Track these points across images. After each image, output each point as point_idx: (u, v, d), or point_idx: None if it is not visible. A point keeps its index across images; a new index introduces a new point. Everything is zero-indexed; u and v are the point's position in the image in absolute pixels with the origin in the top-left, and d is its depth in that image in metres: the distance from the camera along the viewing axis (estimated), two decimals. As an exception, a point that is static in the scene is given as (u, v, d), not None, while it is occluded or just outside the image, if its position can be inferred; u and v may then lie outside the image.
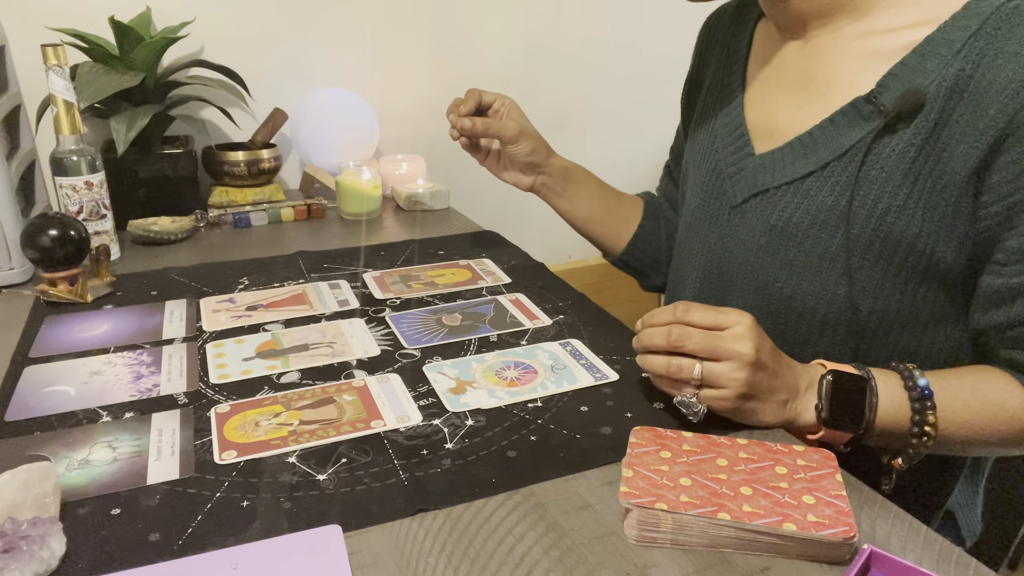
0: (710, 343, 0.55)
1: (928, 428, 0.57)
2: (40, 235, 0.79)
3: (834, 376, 0.57)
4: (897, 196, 0.59)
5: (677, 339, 0.56)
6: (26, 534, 0.45)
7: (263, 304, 0.82)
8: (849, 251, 0.61)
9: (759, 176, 0.68)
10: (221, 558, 0.45)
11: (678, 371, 0.56)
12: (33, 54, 0.91)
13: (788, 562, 0.46)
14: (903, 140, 0.59)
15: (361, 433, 0.58)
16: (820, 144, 0.64)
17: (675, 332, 0.56)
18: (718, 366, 0.55)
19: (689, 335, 0.56)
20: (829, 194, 0.62)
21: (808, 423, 0.58)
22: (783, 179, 0.66)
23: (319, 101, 1.26)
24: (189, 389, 0.65)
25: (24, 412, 0.61)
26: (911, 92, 0.58)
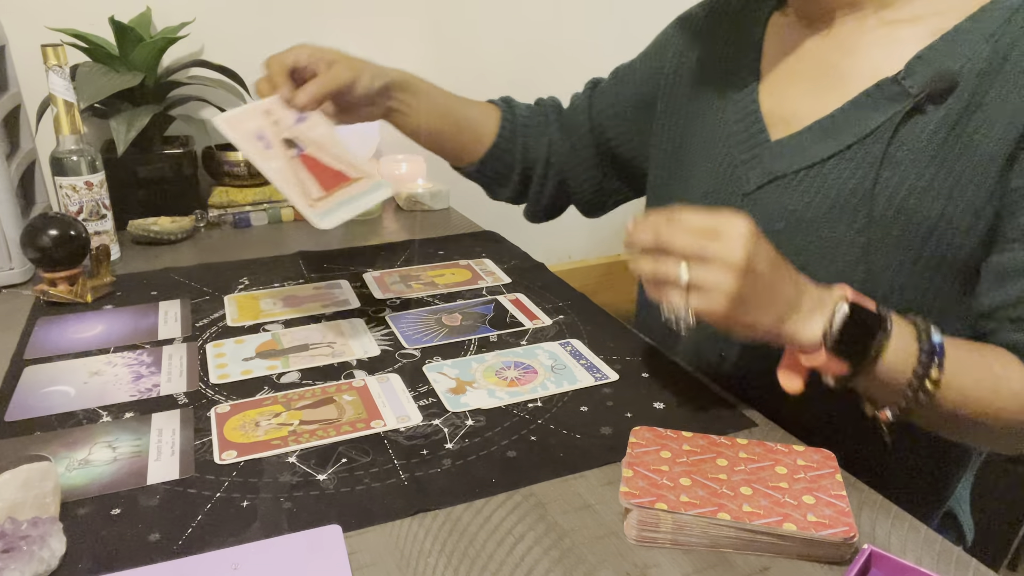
0: (698, 243, 0.51)
1: (929, 384, 0.53)
2: (40, 235, 0.79)
3: (852, 308, 0.52)
4: (923, 178, 0.58)
5: (664, 237, 0.52)
6: (26, 534, 0.45)
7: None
8: (869, 235, 0.60)
9: (775, 162, 0.66)
10: (221, 558, 0.45)
11: (664, 274, 0.52)
12: (33, 54, 0.91)
13: (788, 562, 0.46)
14: (932, 121, 0.58)
15: (361, 433, 0.58)
16: (842, 127, 0.62)
17: (663, 229, 0.52)
18: (705, 270, 0.51)
19: (677, 234, 0.52)
20: (851, 176, 0.61)
21: (807, 342, 0.53)
22: (802, 163, 0.64)
23: (319, 101, 1.26)
24: (189, 389, 0.65)
25: (24, 412, 0.61)
26: (943, 72, 0.57)
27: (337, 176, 0.71)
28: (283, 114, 0.71)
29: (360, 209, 0.70)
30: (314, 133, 0.72)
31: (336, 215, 0.68)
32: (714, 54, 0.77)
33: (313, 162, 0.70)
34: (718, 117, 0.74)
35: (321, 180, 0.70)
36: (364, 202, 0.71)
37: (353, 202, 0.70)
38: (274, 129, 0.70)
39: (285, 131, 0.71)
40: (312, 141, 0.71)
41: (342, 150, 0.72)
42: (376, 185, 0.72)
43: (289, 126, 0.71)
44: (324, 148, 0.72)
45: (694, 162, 0.77)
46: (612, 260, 1.66)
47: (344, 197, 0.70)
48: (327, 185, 0.70)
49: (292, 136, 0.71)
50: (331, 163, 0.71)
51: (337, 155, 0.72)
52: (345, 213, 0.68)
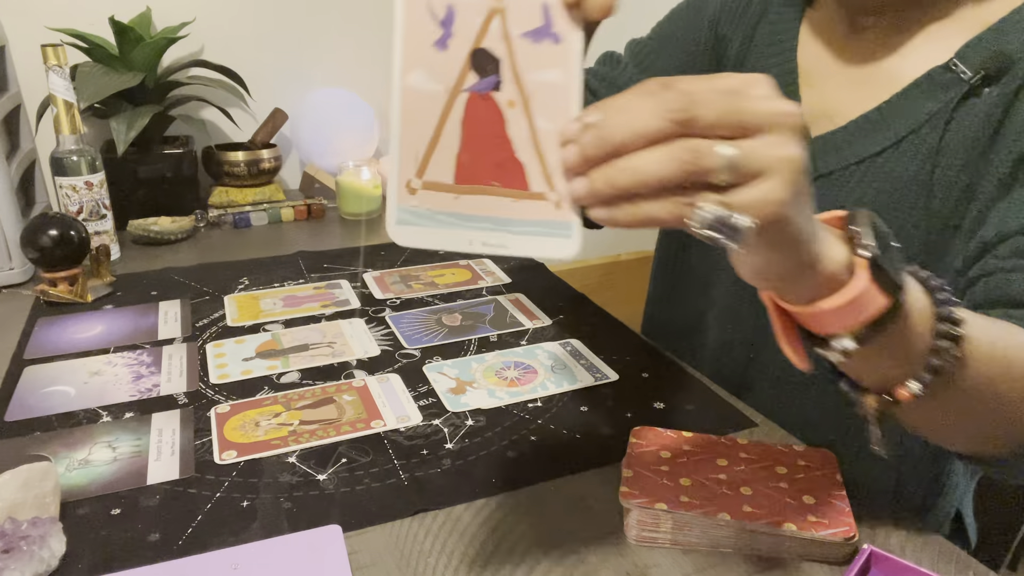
0: (737, 104, 0.33)
1: (956, 330, 0.40)
2: (40, 235, 0.79)
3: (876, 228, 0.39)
4: (980, 164, 0.56)
5: (682, 107, 0.33)
6: (26, 534, 0.45)
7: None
8: (928, 226, 0.59)
9: (819, 159, 0.64)
10: (221, 558, 0.45)
11: (695, 156, 0.33)
12: (33, 54, 0.91)
13: (788, 562, 0.46)
14: (987, 104, 0.56)
15: (361, 433, 0.58)
16: (891, 119, 0.60)
17: (674, 98, 0.33)
18: (758, 141, 0.33)
19: (701, 97, 0.33)
20: (906, 169, 0.59)
21: (835, 266, 0.37)
22: (851, 159, 0.62)
23: (319, 101, 1.26)
24: (189, 389, 0.65)
25: (24, 412, 0.61)
26: (997, 52, 0.55)
27: (509, 169, 0.38)
28: (517, 7, 0.37)
29: (490, 248, 0.39)
30: (540, 75, 0.37)
31: (430, 232, 0.39)
32: (752, 41, 0.72)
33: (490, 121, 0.38)
34: None
35: (473, 159, 0.38)
36: (514, 243, 0.39)
37: (495, 229, 0.39)
38: (473, 22, 0.38)
39: (493, 39, 0.37)
40: (527, 86, 0.37)
41: (552, 132, 0.37)
42: (559, 226, 0.38)
43: (508, 35, 0.37)
44: (533, 111, 0.38)
45: None
46: (612, 260, 1.66)
47: (487, 211, 0.39)
48: (476, 174, 0.39)
49: (495, 53, 0.38)
50: (517, 142, 0.38)
51: (540, 135, 0.37)
52: (450, 239, 0.39)
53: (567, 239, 0.38)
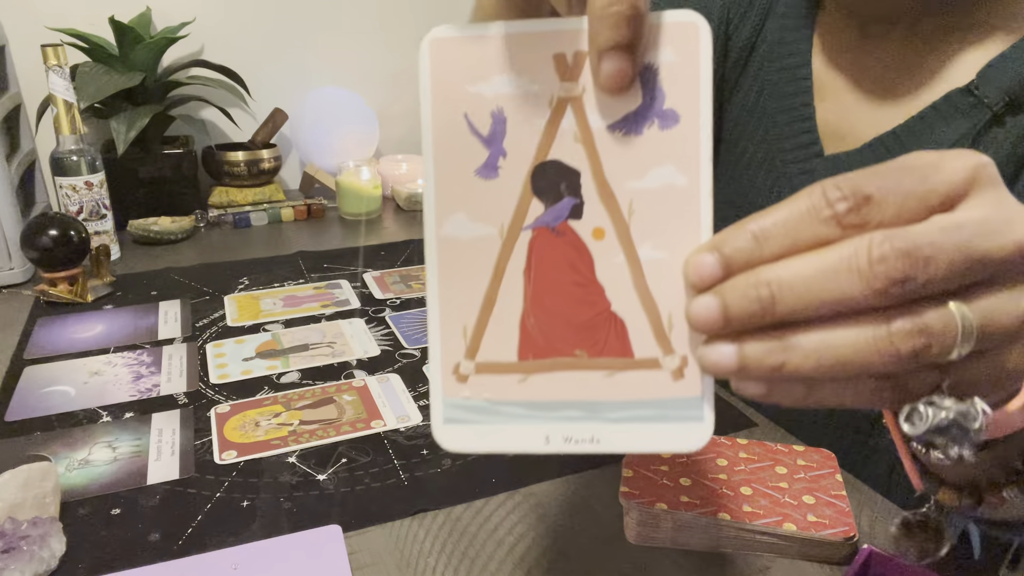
0: (973, 244, 0.24)
1: None
2: (40, 235, 0.79)
3: None
4: None
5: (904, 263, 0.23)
6: (26, 534, 0.45)
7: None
8: None
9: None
10: (221, 558, 0.45)
11: (926, 338, 0.24)
12: (33, 54, 0.91)
13: (788, 562, 0.46)
14: (1013, 134, 0.50)
15: (361, 433, 0.58)
16: (909, 145, 0.54)
17: (889, 247, 0.23)
18: (1000, 297, 0.25)
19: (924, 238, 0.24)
20: None
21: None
22: None
23: (319, 101, 1.26)
24: (189, 389, 0.65)
25: (24, 412, 0.61)
26: (1023, 76, 0.49)
27: (601, 329, 0.28)
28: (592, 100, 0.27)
29: (578, 446, 0.28)
30: (645, 181, 0.27)
31: (491, 430, 0.28)
32: (760, 35, 0.65)
33: (568, 265, 0.28)
34: (763, 113, 0.63)
35: (546, 322, 0.28)
36: (612, 435, 0.28)
37: (584, 418, 0.28)
38: (533, 126, 0.27)
39: (565, 143, 0.27)
40: (624, 202, 0.27)
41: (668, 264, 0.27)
42: (681, 405, 0.27)
43: (590, 130, 0.27)
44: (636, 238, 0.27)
45: (726, 165, 0.67)
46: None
47: (570, 393, 0.28)
48: (552, 343, 0.28)
49: (571, 164, 0.27)
50: (612, 289, 0.27)
51: (649, 272, 0.27)
52: (519, 437, 0.28)
53: (695, 423, 0.26)
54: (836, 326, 0.24)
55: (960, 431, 0.25)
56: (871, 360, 0.24)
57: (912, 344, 0.24)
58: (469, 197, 0.28)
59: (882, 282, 0.23)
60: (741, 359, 0.25)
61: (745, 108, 0.64)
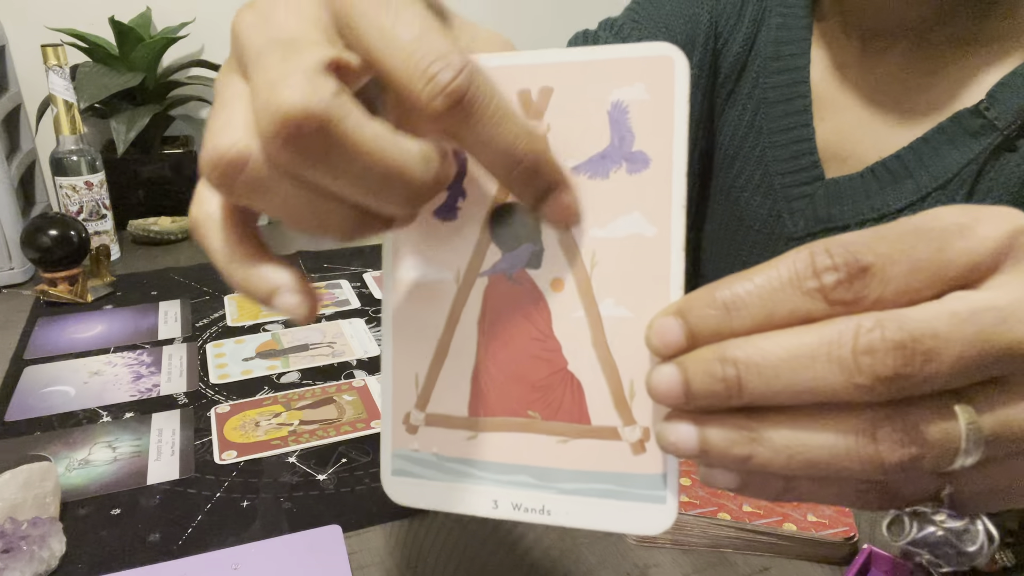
0: (990, 337, 0.20)
1: None
2: (40, 235, 0.79)
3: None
4: None
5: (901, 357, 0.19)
6: (26, 534, 0.45)
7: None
8: None
9: (832, 207, 0.55)
10: (221, 558, 0.45)
11: (919, 448, 0.20)
12: (33, 54, 0.91)
13: (788, 562, 0.46)
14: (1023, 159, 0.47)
15: (361, 433, 0.58)
16: (915, 169, 0.51)
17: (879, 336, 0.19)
18: (1004, 393, 0.21)
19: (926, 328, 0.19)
20: None
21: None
22: (869, 214, 0.53)
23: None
24: (189, 389, 0.65)
25: (24, 412, 0.61)
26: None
27: (556, 390, 0.25)
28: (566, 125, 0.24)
29: (527, 515, 0.26)
30: (609, 230, 0.24)
31: (437, 487, 0.27)
32: (754, 48, 0.61)
33: (524, 317, 0.25)
34: (757, 132, 0.60)
35: (499, 378, 0.26)
36: (564, 508, 0.25)
37: (535, 486, 0.25)
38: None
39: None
40: (586, 252, 0.24)
41: (632, 324, 0.24)
42: (641, 482, 0.24)
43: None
44: (598, 292, 0.24)
45: (721, 184, 0.63)
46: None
47: (521, 456, 0.26)
48: (504, 401, 0.26)
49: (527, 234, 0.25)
50: (569, 347, 0.25)
51: (611, 331, 0.24)
52: (465, 498, 0.26)
53: (655, 504, 0.24)
54: (812, 421, 0.20)
55: (953, 551, 0.21)
56: (850, 467, 0.20)
57: (901, 455, 0.20)
58: (427, 239, 0.26)
59: (867, 378, 0.19)
60: (703, 443, 0.21)
61: (740, 126, 0.61)
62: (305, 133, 0.19)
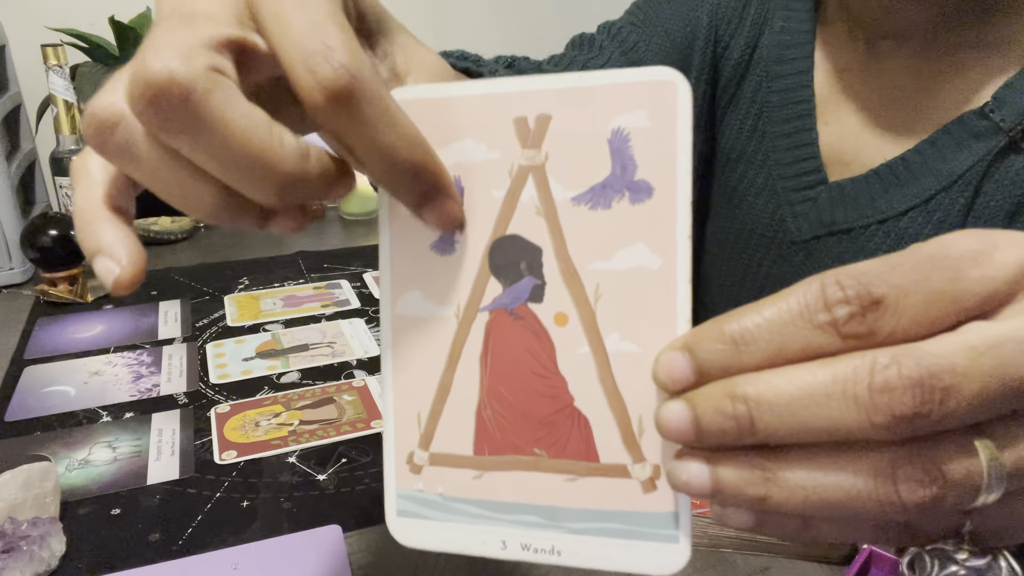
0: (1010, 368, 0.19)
1: None
2: (40, 235, 0.79)
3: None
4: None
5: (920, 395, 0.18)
6: (26, 534, 0.45)
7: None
8: None
9: (836, 210, 0.55)
10: (221, 558, 0.45)
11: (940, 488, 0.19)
12: (33, 54, 0.91)
13: (788, 562, 0.46)
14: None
15: (361, 433, 0.58)
16: (919, 172, 0.51)
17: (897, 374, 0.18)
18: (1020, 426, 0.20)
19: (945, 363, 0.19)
20: (934, 233, 0.49)
21: None
22: (873, 217, 0.53)
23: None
24: (189, 389, 0.65)
25: (24, 412, 0.61)
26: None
27: (562, 427, 0.24)
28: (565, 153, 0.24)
29: (536, 556, 0.25)
30: (613, 262, 0.23)
31: (444, 528, 0.27)
32: (756, 52, 0.61)
33: (527, 353, 0.25)
34: (759, 135, 0.60)
35: (503, 415, 0.25)
36: (574, 548, 0.25)
37: (544, 525, 0.25)
38: (491, 197, 0.25)
39: (526, 217, 0.24)
40: (590, 285, 0.24)
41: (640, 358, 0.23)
42: (652, 520, 0.24)
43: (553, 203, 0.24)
44: (603, 326, 0.24)
45: (723, 187, 0.63)
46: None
47: (528, 496, 0.25)
48: (509, 439, 0.25)
49: (531, 239, 0.24)
50: (575, 383, 0.24)
51: (617, 366, 0.24)
52: (472, 538, 0.26)
53: (667, 543, 0.24)
54: (829, 460, 0.20)
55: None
56: (869, 507, 0.20)
57: (922, 495, 0.19)
58: (424, 274, 0.25)
59: (884, 416, 0.18)
60: (715, 483, 0.21)
61: (743, 130, 0.61)
62: (166, 100, 0.20)
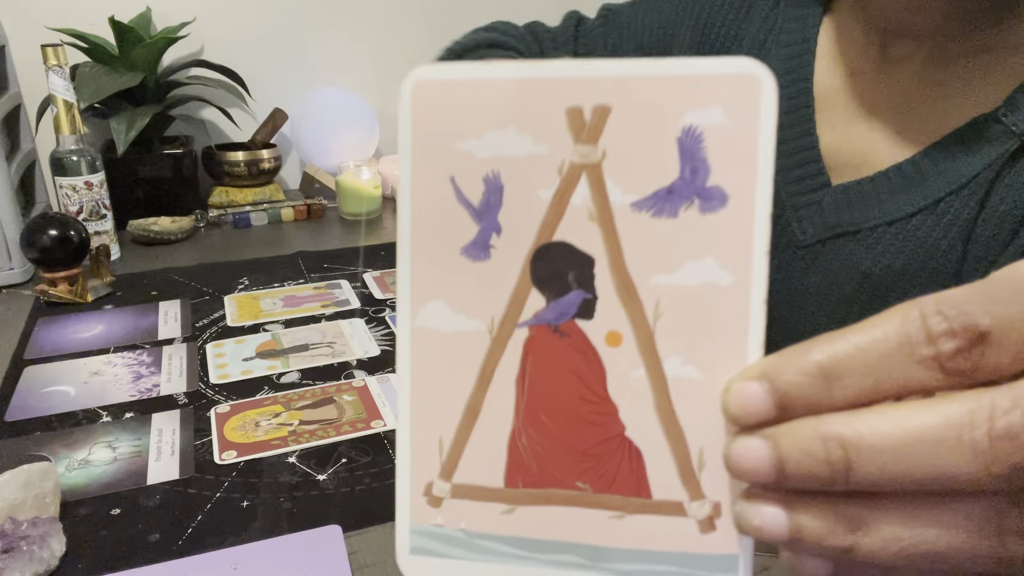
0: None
1: None
2: (40, 235, 0.79)
3: None
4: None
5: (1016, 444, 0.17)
6: (26, 534, 0.45)
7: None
8: None
9: (842, 212, 0.54)
10: (221, 558, 0.45)
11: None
12: (33, 54, 0.91)
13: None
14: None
15: (361, 433, 0.58)
16: (930, 174, 0.51)
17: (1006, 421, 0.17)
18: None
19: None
20: (942, 236, 0.50)
21: None
22: (881, 218, 0.52)
23: (319, 101, 1.26)
24: (189, 389, 0.65)
25: (24, 412, 0.61)
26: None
27: (610, 459, 0.22)
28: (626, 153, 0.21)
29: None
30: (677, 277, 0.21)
31: (465, 568, 0.23)
32: (764, 46, 0.60)
33: (573, 375, 0.22)
34: None
35: (541, 444, 0.22)
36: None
37: (585, 566, 0.22)
38: (536, 197, 0.22)
39: (576, 221, 0.21)
40: (649, 303, 0.21)
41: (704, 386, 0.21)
42: (710, 563, 0.22)
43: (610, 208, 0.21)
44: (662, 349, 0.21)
45: None
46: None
47: (568, 534, 0.22)
48: (548, 470, 0.22)
49: (582, 248, 0.22)
50: (627, 410, 0.22)
51: (676, 393, 0.21)
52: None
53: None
54: (930, 510, 0.18)
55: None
56: (969, 559, 0.18)
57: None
58: (453, 282, 0.22)
59: (1005, 466, 0.17)
60: (795, 531, 0.19)
61: None
62: None
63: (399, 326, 0.23)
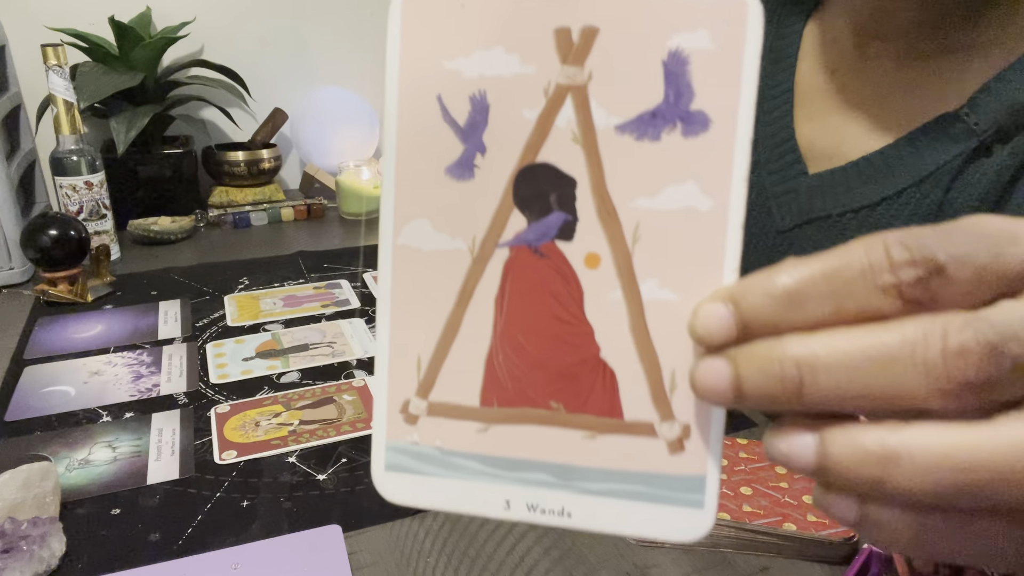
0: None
1: None
2: (40, 235, 0.79)
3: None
4: None
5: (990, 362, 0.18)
6: (26, 534, 0.45)
7: (263, 304, 0.82)
8: None
9: (814, 200, 0.58)
10: (221, 558, 0.45)
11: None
12: (33, 54, 0.91)
13: (788, 562, 0.46)
14: (997, 163, 0.49)
15: (361, 433, 0.58)
16: (895, 166, 0.53)
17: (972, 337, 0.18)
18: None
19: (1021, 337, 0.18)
20: (904, 225, 0.52)
21: None
22: (848, 205, 0.56)
23: (319, 101, 1.26)
24: (189, 389, 0.65)
25: (24, 412, 0.61)
26: (1014, 105, 0.48)
27: (584, 379, 0.22)
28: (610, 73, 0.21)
29: (544, 517, 0.23)
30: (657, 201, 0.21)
31: (439, 484, 0.24)
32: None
33: (550, 296, 0.22)
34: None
35: (517, 363, 0.23)
36: (588, 509, 0.22)
37: (555, 485, 0.22)
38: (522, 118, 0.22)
39: (560, 143, 0.21)
40: (629, 225, 0.21)
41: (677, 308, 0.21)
42: (678, 483, 0.21)
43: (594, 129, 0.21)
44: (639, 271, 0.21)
45: None
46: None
47: (540, 452, 0.23)
48: (522, 389, 0.23)
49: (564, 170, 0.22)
50: (603, 332, 0.22)
51: (652, 315, 0.21)
52: (473, 497, 0.23)
53: (692, 508, 0.21)
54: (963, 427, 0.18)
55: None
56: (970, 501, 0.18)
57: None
58: (436, 200, 0.22)
59: (955, 383, 0.18)
60: (823, 457, 0.19)
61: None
62: None
63: (381, 244, 0.23)
